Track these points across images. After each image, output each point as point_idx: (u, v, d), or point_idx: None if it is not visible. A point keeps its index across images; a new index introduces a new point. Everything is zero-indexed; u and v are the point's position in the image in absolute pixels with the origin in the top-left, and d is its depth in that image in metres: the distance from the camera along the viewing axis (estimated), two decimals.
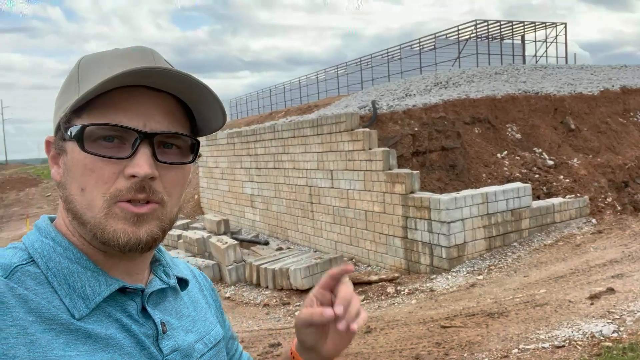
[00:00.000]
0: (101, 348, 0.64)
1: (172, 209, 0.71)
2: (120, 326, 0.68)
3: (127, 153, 0.66)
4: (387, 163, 8.17)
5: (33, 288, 0.63)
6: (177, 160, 0.71)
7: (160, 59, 0.72)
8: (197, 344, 0.78)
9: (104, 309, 0.67)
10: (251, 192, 12.54)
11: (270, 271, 8.14)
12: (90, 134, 0.66)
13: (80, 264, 0.68)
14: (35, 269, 0.65)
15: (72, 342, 0.62)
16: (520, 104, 11.95)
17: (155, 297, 0.75)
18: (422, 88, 14.46)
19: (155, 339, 0.71)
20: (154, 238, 0.68)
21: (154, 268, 0.79)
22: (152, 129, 0.67)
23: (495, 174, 10.05)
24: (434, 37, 24.34)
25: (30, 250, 0.67)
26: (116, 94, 0.66)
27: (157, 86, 0.68)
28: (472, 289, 6.24)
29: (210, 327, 0.84)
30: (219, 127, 0.76)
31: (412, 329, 5.11)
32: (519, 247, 7.57)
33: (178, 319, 0.78)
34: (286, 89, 34.09)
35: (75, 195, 0.66)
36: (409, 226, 7.70)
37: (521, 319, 4.78)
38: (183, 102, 0.72)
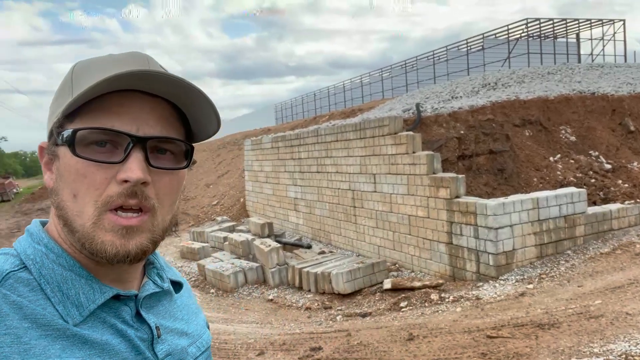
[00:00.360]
0: (97, 354, 0.64)
1: (164, 218, 0.70)
2: (115, 332, 0.67)
3: (120, 158, 0.65)
4: (432, 167, 8.00)
5: (26, 295, 0.63)
6: (171, 165, 0.70)
7: (155, 64, 0.71)
8: (190, 348, 0.78)
9: (98, 315, 0.67)
10: (294, 195, 12.63)
11: (313, 275, 8.15)
12: (82, 138, 0.65)
13: (73, 271, 0.67)
14: (27, 276, 0.65)
15: (68, 348, 0.62)
16: (575, 104, 11.39)
17: (149, 300, 0.75)
18: (469, 90, 14.09)
19: (150, 343, 0.71)
20: (144, 251, 0.67)
21: (148, 271, 0.79)
22: (145, 133, 0.66)
23: (547, 178, 9.62)
24: (482, 37, 23.69)
25: (22, 257, 0.67)
26: (109, 98, 0.65)
27: (150, 90, 0.67)
28: (521, 298, 5.97)
29: (202, 331, 0.84)
30: (214, 133, 0.75)
31: (457, 337, 4.95)
32: (572, 255, 7.19)
33: (172, 322, 0.77)
34: (330, 93, 34.20)
35: (67, 201, 0.66)
36: (454, 232, 7.49)
37: (574, 331, 4.53)
38: (178, 107, 0.71)
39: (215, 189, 20.21)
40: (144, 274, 0.78)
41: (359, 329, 5.86)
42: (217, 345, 5.80)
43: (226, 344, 5.83)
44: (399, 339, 5.20)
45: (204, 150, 29.64)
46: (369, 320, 6.45)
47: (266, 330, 6.51)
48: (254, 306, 8.09)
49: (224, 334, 6.30)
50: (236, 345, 5.75)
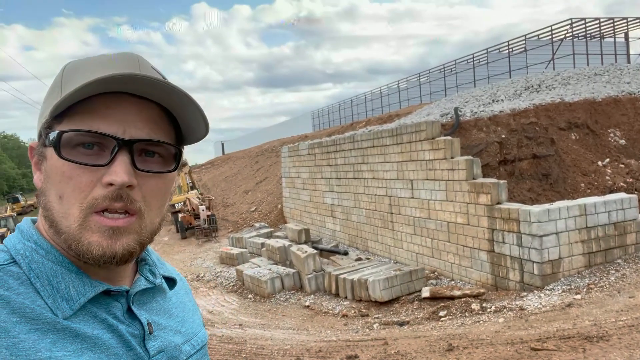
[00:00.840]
0: (88, 348, 0.63)
1: (152, 220, 0.69)
2: (106, 326, 0.67)
3: (106, 160, 0.64)
4: (471, 172, 7.79)
5: (15, 288, 0.62)
6: (158, 168, 0.69)
7: (147, 65, 0.70)
8: (184, 345, 0.76)
9: (89, 310, 0.66)
10: (331, 202, 12.61)
11: (349, 281, 8.08)
12: (68, 140, 0.64)
13: (63, 266, 0.67)
14: (17, 269, 0.65)
15: (59, 342, 0.61)
16: (625, 106, 10.85)
17: (141, 297, 0.74)
18: (511, 93, 13.68)
19: (142, 339, 0.70)
20: (130, 252, 0.66)
21: (140, 267, 0.78)
22: (132, 136, 0.65)
23: (595, 183, 9.19)
24: (525, 38, 23.00)
25: (12, 252, 0.67)
26: (97, 100, 0.65)
27: (138, 93, 0.66)
28: (568, 309, 5.70)
29: (197, 329, 0.82)
30: (202, 137, 0.74)
31: (499, 349, 4.77)
32: (623, 265, 6.80)
33: (167, 319, 0.76)
34: (367, 99, 34.09)
35: (54, 202, 0.66)
36: (496, 239, 7.25)
37: (625, 345, 4.27)
38: (168, 111, 0.70)
39: (254, 195, 20.48)
40: (136, 271, 0.77)
41: (396, 337, 5.76)
42: (254, 350, 5.83)
43: (263, 349, 5.86)
44: (438, 349, 5.07)
45: (242, 158, 30.16)
46: (406, 329, 6.32)
47: (302, 336, 6.50)
48: (290, 312, 8.11)
49: (261, 339, 6.33)
50: (273, 350, 5.77)
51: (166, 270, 0.83)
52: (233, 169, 28.17)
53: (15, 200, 41.61)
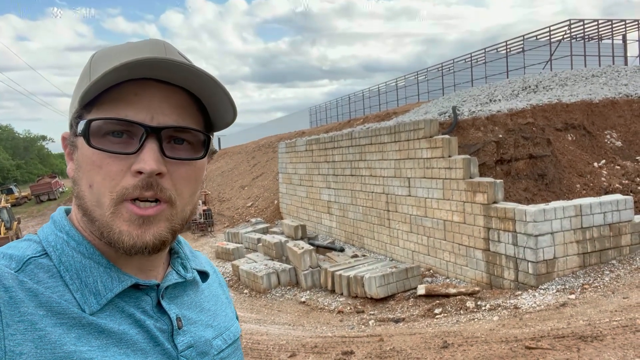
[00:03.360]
0: (114, 343, 0.63)
1: (183, 208, 0.68)
2: (133, 321, 0.66)
3: (134, 148, 0.64)
4: (468, 171, 7.82)
5: (45, 281, 0.62)
6: (187, 155, 0.67)
7: (173, 51, 0.69)
8: (215, 340, 0.75)
9: (116, 304, 0.66)
10: (328, 198, 12.63)
11: (345, 278, 8.11)
12: (97, 128, 0.64)
13: (93, 259, 0.66)
14: (48, 262, 0.65)
15: (84, 337, 0.61)
16: (621, 108, 10.92)
17: (172, 291, 0.73)
18: (509, 93, 13.73)
19: (170, 334, 0.69)
20: (162, 241, 0.65)
21: (172, 261, 0.77)
22: (160, 122, 0.64)
23: (591, 184, 9.24)
24: (523, 39, 23.05)
25: (44, 243, 0.67)
26: (125, 87, 0.64)
27: (165, 79, 0.65)
28: (562, 308, 5.75)
29: (230, 323, 0.81)
30: (230, 122, 0.73)
31: (493, 347, 4.81)
32: (617, 266, 6.86)
33: (198, 313, 0.75)
34: (365, 97, 34.07)
35: (85, 191, 0.65)
36: (492, 238, 7.29)
37: (618, 345, 4.31)
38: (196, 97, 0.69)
39: (250, 191, 20.47)
40: (169, 263, 0.77)
41: (391, 334, 5.79)
42: (249, 345, 5.84)
43: (259, 345, 5.87)
44: (433, 346, 5.10)
45: (239, 153, 30.10)
46: (402, 326, 6.35)
47: (298, 332, 6.52)
48: (286, 308, 8.13)
49: (256, 334, 6.35)
50: (268, 346, 5.79)
51: (198, 264, 0.82)
52: (229, 164, 28.10)
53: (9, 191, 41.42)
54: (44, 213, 31.98)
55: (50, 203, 40.13)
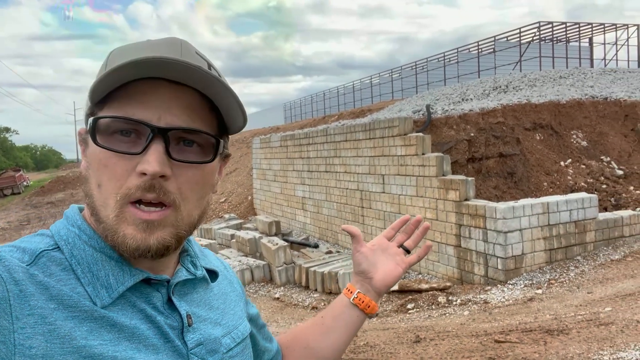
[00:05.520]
0: (126, 337, 0.62)
1: (190, 213, 0.67)
2: (144, 317, 0.65)
3: (140, 148, 0.63)
4: (441, 169, 7.96)
5: (57, 274, 0.62)
6: (196, 158, 0.66)
7: (190, 50, 0.68)
8: (224, 338, 0.75)
9: (128, 299, 0.65)
10: (302, 194, 12.63)
11: (320, 274, 8.14)
12: (105, 127, 0.63)
13: (104, 253, 0.66)
14: (60, 255, 0.64)
15: (96, 330, 0.60)
16: (587, 109, 11.29)
17: (182, 288, 0.73)
18: (480, 92, 14.01)
19: (180, 331, 0.68)
20: (166, 246, 0.65)
21: (182, 258, 0.77)
22: (168, 123, 0.63)
23: (557, 183, 9.54)
24: (494, 39, 23.55)
25: (56, 237, 0.66)
26: (136, 86, 0.63)
27: (176, 79, 0.64)
28: (529, 303, 5.93)
29: (238, 322, 0.81)
30: (241, 127, 0.72)
31: (464, 341, 4.92)
32: (582, 262, 7.12)
33: (207, 310, 0.75)
34: (340, 93, 34.18)
35: (94, 190, 0.65)
36: (463, 234, 7.45)
37: (583, 338, 4.48)
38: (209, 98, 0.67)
39: (223, 186, 20.27)
40: (178, 262, 0.76)
41: (365, 329, 5.85)
42: None
43: None
44: (406, 341, 5.18)
45: None
46: (375, 321, 6.43)
47: (272, 328, 6.52)
48: (260, 304, 8.10)
49: None
50: None
51: (208, 262, 0.82)
52: None
53: None
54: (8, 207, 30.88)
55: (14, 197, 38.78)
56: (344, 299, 0.96)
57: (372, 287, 0.96)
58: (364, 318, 0.95)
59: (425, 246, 0.99)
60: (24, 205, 27.66)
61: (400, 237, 1.03)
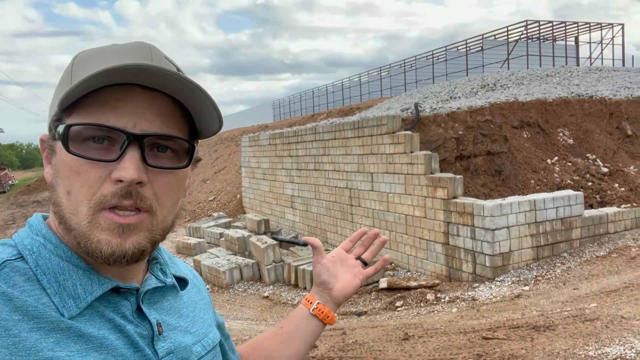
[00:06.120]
0: (94, 348, 0.61)
1: (165, 218, 0.67)
2: (113, 326, 0.64)
3: (115, 155, 0.62)
4: (429, 167, 7.99)
5: (21, 285, 0.60)
6: (170, 164, 0.66)
7: (159, 55, 0.68)
8: (195, 346, 0.74)
9: (96, 309, 0.64)
10: (291, 193, 12.61)
11: (309, 272, 8.14)
12: (77, 134, 0.62)
13: (71, 262, 0.64)
14: (24, 265, 0.63)
15: (62, 341, 0.59)
16: (573, 107, 11.42)
17: (152, 296, 0.72)
18: (468, 90, 14.09)
19: (150, 340, 0.67)
20: (141, 251, 0.64)
21: (151, 266, 0.76)
22: (143, 130, 0.63)
23: (544, 180, 9.63)
24: (482, 38, 23.70)
25: (19, 247, 0.65)
26: (108, 92, 0.62)
27: (148, 84, 0.63)
28: (517, 300, 5.98)
29: (208, 330, 0.81)
30: (217, 130, 0.71)
31: (452, 338, 4.95)
32: (568, 258, 7.20)
33: (177, 318, 0.74)
34: (328, 91, 34.17)
35: (62, 198, 0.63)
36: (451, 232, 7.49)
37: (569, 334, 4.54)
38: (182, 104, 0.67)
39: (212, 184, 20.17)
40: (147, 270, 0.75)
41: (354, 327, 5.86)
42: None
43: None
44: (395, 338, 5.20)
45: (200, 146, 29.50)
46: (364, 319, 6.44)
47: (261, 327, 6.50)
48: (249, 303, 8.08)
49: None
50: None
51: (177, 270, 0.81)
52: None
53: None
54: None
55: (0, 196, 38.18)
56: (303, 309, 0.98)
57: (331, 297, 0.99)
58: (322, 327, 0.97)
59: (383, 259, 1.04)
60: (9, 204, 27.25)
61: (357, 249, 1.08)
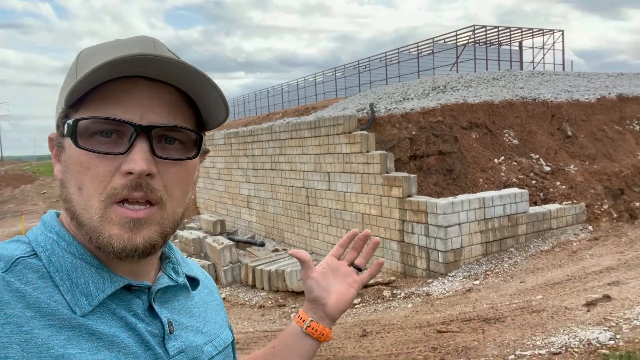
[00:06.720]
0: (105, 346, 0.61)
1: (174, 210, 0.66)
2: (124, 325, 0.64)
3: (124, 148, 0.62)
4: (385, 166, 8.16)
5: (34, 282, 0.60)
6: (179, 155, 0.66)
7: (162, 48, 0.67)
8: (206, 346, 0.74)
9: (108, 306, 0.64)
10: (248, 192, 12.49)
11: (266, 273, 8.10)
12: (85, 128, 0.62)
13: (84, 260, 0.64)
14: (37, 262, 0.62)
15: (74, 339, 0.59)
16: (518, 109, 11.98)
17: (164, 295, 0.72)
18: (420, 92, 14.47)
19: (161, 338, 0.67)
20: (152, 244, 0.64)
21: (164, 265, 0.76)
22: (150, 121, 0.63)
23: (492, 179, 10.06)
24: (432, 41, 24.40)
25: (33, 244, 0.64)
26: (113, 85, 0.62)
27: (154, 76, 0.63)
28: (468, 294, 6.23)
29: (220, 330, 0.81)
30: (223, 120, 0.72)
31: (408, 333, 5.09)
32: (515, 253, 7.57)
33: (188, 318, 0.74)
34: (284, 91, 34.08)
35: (73, 194, 0.63)
36: (406, 230, 7.69)
37: (518, 325, 4.78)
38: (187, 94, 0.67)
39: None
40: (159, 269, 0.75)
41: None
42: None
43: None
44: (353, 335, 5.28)
45: None
46: None
47: None
48: None
49: None
50: None
51: (189, 270, 0.80)
52: None
53: None
54: None
55: None
56: (296, 327, 0.92)
57: (325, 313, 0.91)
58: (318, 345, 0.92)
59: (377, 263, 0.95)
60: None
61: (349, 254, 0.98)
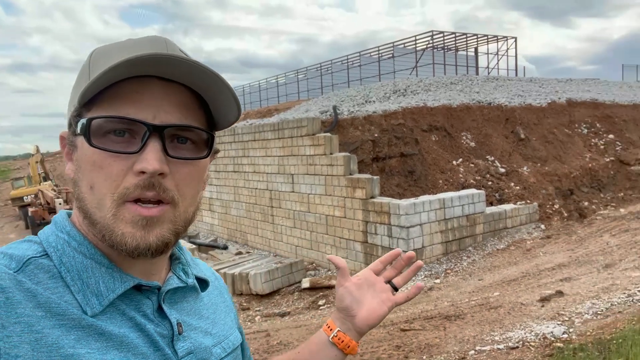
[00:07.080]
0: (114, 346, 0.61)
1: (186, 209, 0.67)
2: (134, 325, 0.65)
3: (137, 147, 0.62)
4: (348, 168, 8.26)
5: (45, 282, 0.60)
6: (191, 155, 0.66)
7: (174, 47, 0.68)
8: (215, 348, 0.75)
9: (117, 307, 0.64)
10: (210, 195, 12.31)
11: (230, 276, 8.02)
12: (98, 127, 0.62)
13: (94, 260, 0.65)
14: (48, 262, 0.63)
15: (84, 339, 0.59)
16: (474, 113, 12.40)
17: (173, 296, 0.72)
18: (381, 95, 14.71)
19: (170, 339, 0.68)
20: (165, 243, 0.64)
21: (173, 266, 0.76)
22: (163, 121, 0.63)
23: (451, 180, 10.37)
24: (392, 46, 24.86)
25: (44, 244, 0.65)
26: (126, 85, 0.62)
27: (167, 76, 0.64)
28: (429, 292, 6.39)
29: (229, 332, 0.81)
30: (235, 120, 0.72)
31: (373, 332, 5.17)
32: (473, 252, 7.83)
33: (197, 319, 0.75)
34: (245, 92, 33.81)
35: (86, 193, 0.63)
36: (369, 231, 7.80)
37: (477, 321, 4.95)
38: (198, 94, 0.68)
39: None
40: (169, 270, 0.75)
41: (278, 328, 5.89)
42: None
43: None
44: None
45: None
46: (287, 319, 6.50)
47: None
48: None
49: None
50: None
51: (199, 271, 0.80)
52: None
53: None
54: None
55: None
56: (323, 336, 0.90)
57: (353, 326, 0.89)
58: (343, 357, 0.89)
59: (416, 286, 0.94)
60: None
61: (389, 272, 0.96)
